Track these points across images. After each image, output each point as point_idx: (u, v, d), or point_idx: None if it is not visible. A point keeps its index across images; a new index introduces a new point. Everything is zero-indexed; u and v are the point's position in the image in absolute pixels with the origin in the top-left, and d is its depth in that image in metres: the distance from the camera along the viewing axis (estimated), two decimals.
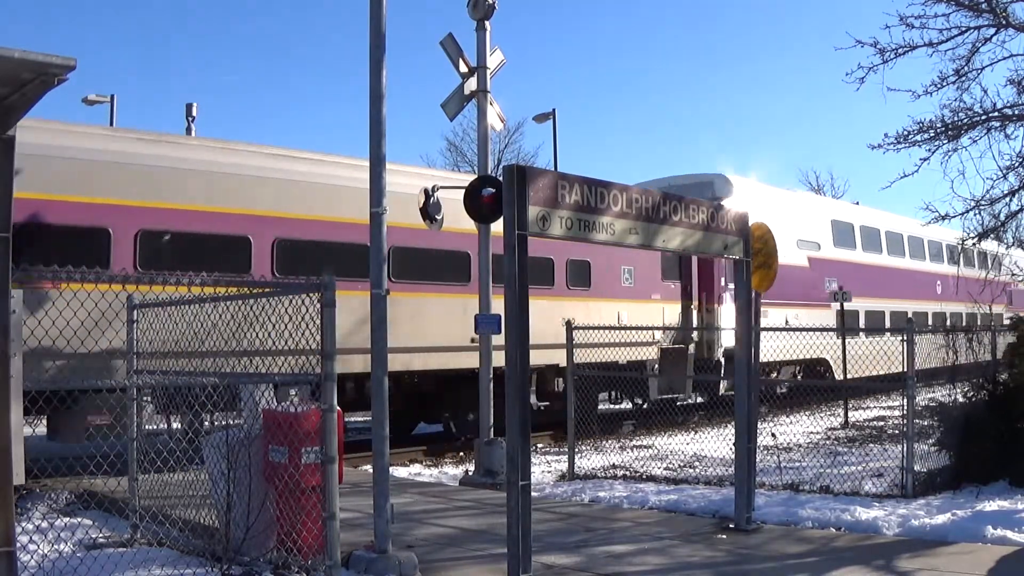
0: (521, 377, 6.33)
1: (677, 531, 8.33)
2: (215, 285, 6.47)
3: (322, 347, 6.01)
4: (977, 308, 15.60)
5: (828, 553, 7.43)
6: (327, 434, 6.02)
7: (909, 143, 11.30)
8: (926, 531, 8.03)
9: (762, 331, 13.94)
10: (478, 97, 12.40)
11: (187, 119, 22.44)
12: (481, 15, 12.34)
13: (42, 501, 9.20)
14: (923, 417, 11.06)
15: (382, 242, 7.15)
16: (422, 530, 8.31)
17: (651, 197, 7.59)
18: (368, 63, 7.21)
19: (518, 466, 6.24)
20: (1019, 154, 11.05)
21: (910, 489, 9.70)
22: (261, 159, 13.82)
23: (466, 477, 12.13)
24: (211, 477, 7.02)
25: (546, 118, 28.74)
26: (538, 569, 6.66)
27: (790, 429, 16.02)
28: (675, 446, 14.67)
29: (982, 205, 11.38)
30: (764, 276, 9.51)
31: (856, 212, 27.89)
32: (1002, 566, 6.83)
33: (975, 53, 11.01)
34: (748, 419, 8.64)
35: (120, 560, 6.61)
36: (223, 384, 7.15)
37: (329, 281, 6.01)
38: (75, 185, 11.65)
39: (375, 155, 7.27)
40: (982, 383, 10.45)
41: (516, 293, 6.32)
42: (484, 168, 12.30)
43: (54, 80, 4.52)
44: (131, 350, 7.65)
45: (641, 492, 10.47)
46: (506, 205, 6.36)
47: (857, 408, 20.75)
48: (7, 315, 4.67)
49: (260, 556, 6.57)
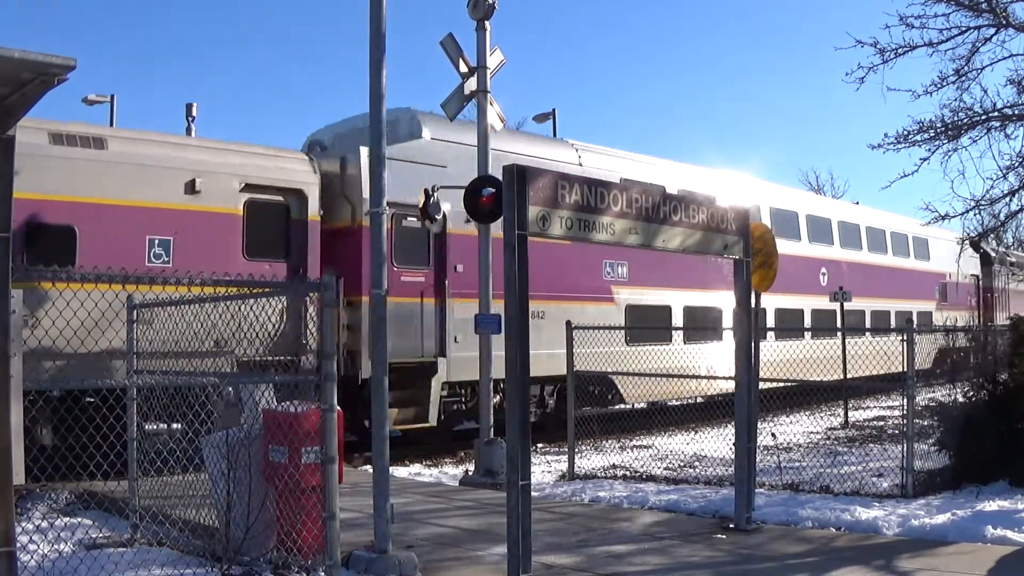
0: (521, 377, 6.33)
1: (677, 531, 8.33)
2: (215, 285, 6.48)
3: (321, 347, 6.02)
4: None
5: (828, 553, 7.42)
6: (327, 434, 6.02)
7: (909, 143, 11.30)
8: (926, 531, 8.03)
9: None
10: (478, 97, 12.41)
11: (187, 119, 22.42)
12: (481, 15, 12.34)
13: (42, 501, 9.20)
14: (923, 417, 11.06)
15: (382, 242, 7.15)
16: (422, 530, 8.31)
17: (651, 197, 7.60)
18: (368, 63, 7.21)
19: (518, 466, 6.24)
20: (1019, 154, 11.05)
21: (910, 489, 9.70)
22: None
23: (466, 477, 12.13)
24: (211, 477, 7.02)
25: (546, 118, 28.71)
26: (538, 569, 6.66)
27: (790, 429, 16.02)
28: (675, 446, 14.67)
29: (982, 205, 11.38)
30: (764, 276, 9.51)
31: (638, 166, 19.35)
32: (1002, 566, 6.83)
33: (975, 53, 11.01)
34: (748, 419, 8.64)
35: (120, 560, 6.60)
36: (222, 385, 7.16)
37: (329, 281, 6.02)
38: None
39: (375, 155, 7.27)
40: (982, 383, 10.45)
41: (516, 293, 6.32)
42: (484, 168, 12.30)
43: (54, 80, 4.52)
44: (131, 350, 7.65)
45: (641, 492, 10.47)
46: (506, 205, 6.37)
47: (857, 408, 20.74)
48: (7, 315, 4.67)
49: (260, 556, 6.57)
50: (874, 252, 26.40)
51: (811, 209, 24.73)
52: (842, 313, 20.68)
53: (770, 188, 23.76)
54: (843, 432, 16.60)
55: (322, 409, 6.05)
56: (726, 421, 12.28)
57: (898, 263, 27.74)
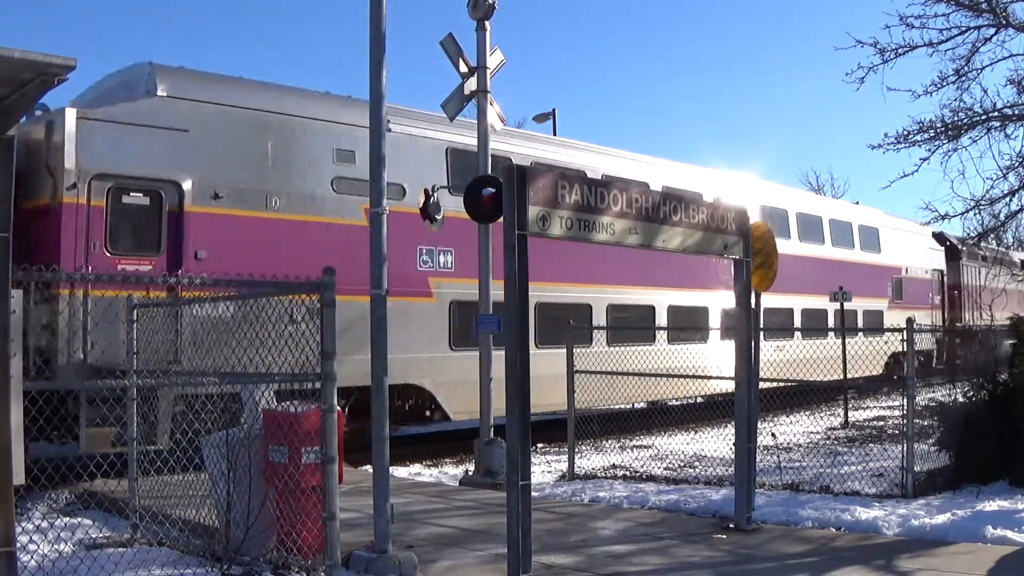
0: (521, 377, 6.33)
1: (677, 531, 8.33)
2: (214, 286, 6.48)
3: (322, 347, 6.02)
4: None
5: (828, 553, 7.42)
6: (327, 434, 6.02)
7: (909, 143, 11.31)
8: (926, 531, 8.03)
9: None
10: (478, 97, 12.40)
11: None
12: (481, 15, 12.34)
13: (42, 501, 9.20)
14: (923, 417, 11.06)
15: (382, 242, 7.14)
16: (422, 530, 8.31)
17: (651, 197, 7.61)
18: (368, 63, 7.21)
19: (518, 466, 6.24)
20: (1019, 154, 11.06)
21: (910, 489, 9.69)
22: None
23: (466, 477, 12.13)
24: (211, 477, 7.02)
25: (546, 118, 28.73)
26: (538, 569, 6.66)
27: (790, 429, 16.01)
28: (675, 446, 14.67)
29: (982, 205, 11.39)
30: (764, 276, 9.51)
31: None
32: (1002, 566, 6.83)
33: (975, 53, 11.02)
34: (748, 419, 8.64)
35: (120, 560, 6.61)
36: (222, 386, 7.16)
37: (329, 281, 6.02)
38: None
39: (375, 155, 7.26)
40: (982, 383, 10.45)
41: (516, 293, 6.32)
42: (484, 168, 12.29)
43: (54, 80, 4.52)
44: (131, 350, 7.65)
45: (641, 492, 10.47)
46: (506, 205, 6.37)
47: (857, 408, 20.74)
48: (7, 315, 4.67)
49: (260, 556, 6.57)
50: (808, 242, 22.98)
51: (723, 187, 19.88)
52: (842, 313, 20.60)
53: (664, 164, 20.06)
54: (843, 432, 16.59)
55: (322, 409, 6.05)
56: (726, 421, 12.29)
57: (839, 255, 24.27)
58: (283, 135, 13.09)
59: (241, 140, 12.61)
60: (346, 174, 13.62)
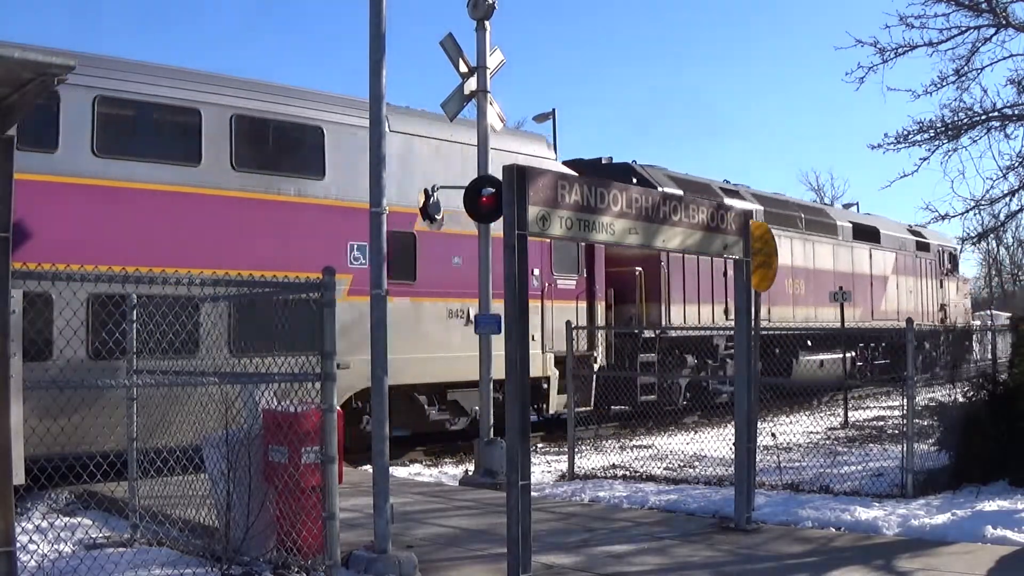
0: (521, 377, 6.33)
1: (677, 531, 8.33)
2: (215, 285, 6.48)
3: (322, 346, 6.03)
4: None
5: (828, 553, 7.42)
6: (327, 434, 6.03)
7: (909, 143, 11.33)
8: (926, 531, 8.04)
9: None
10: (478, 97, 12.39)
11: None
12: (481, 15, 12.33)
13: (42, 501, 9.20)
14: (923, 417, 11.06)
15: (382, 242, 7.14)
16: (422, 530, 8.31)
17: (651, 197, 7.60)
18: (368, 64, 7.21)
19: (518, 466, 6.24)
20: (1019, 154, 11.08)
21: (910, 489, 9.69)
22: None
23: (466, 477, 12.12)
24: (211, 477, 7.01)
25: (546, 118, 28.66)
26: (538, 569, 6.66)
27: (790, 429, 15.97)
28: (675, 446, 14.65)
29: (982, 205, 11.40)
30: (764, 276, 9.51)
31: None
32: (1002, 566, 6.83)
33: (975, 53, 11.04)
34: (748, 419, 8.64)
35: (120, 560, 6.60)
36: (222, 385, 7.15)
37: (329, 281, 6.02)
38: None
39: (375, 156, 7.26)
40: (982, 383, 10.46)
41: (516, 293, 6.32)
42: (484, 168, 12.29)
43: (54, 80, 4.51)
44: (131, 350, 7.65)
45: (641, 492, 10.47)
46: (506, 205, 6.36)
47: (857, 408, 20.73)
48: (7, 315, 4.66)
49: (260, 556, 6.57)
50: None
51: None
52: (842, 312, 20.70)
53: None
54: (843, 432, 16.58)
55: (322, 409, 6.05)
56: (726, 421, 12.29)
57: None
58: None
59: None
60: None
